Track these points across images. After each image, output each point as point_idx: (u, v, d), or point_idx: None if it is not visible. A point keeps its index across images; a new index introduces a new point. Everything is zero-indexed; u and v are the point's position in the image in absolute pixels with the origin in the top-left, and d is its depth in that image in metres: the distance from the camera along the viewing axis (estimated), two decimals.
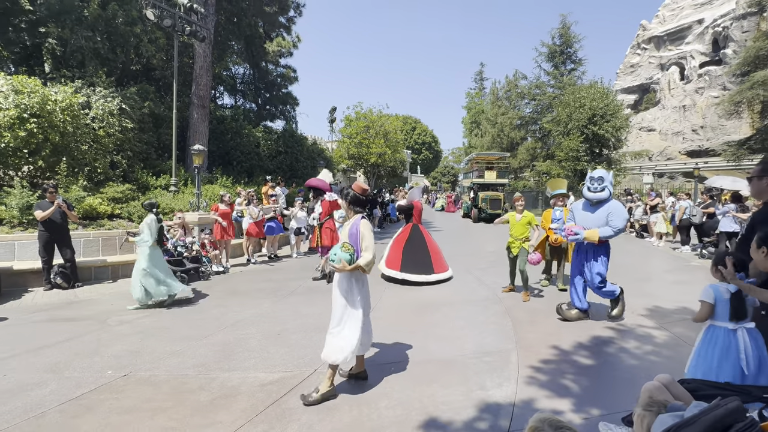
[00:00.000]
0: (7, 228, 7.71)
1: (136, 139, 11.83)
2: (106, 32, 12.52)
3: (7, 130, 8.30)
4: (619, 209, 4.71)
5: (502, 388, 3.32)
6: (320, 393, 3.16)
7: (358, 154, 22.02)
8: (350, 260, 3.20)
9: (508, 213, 6.45)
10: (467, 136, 47.76)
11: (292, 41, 24.39)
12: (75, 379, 3.55)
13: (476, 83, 52.26)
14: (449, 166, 62.62)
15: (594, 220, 4.76)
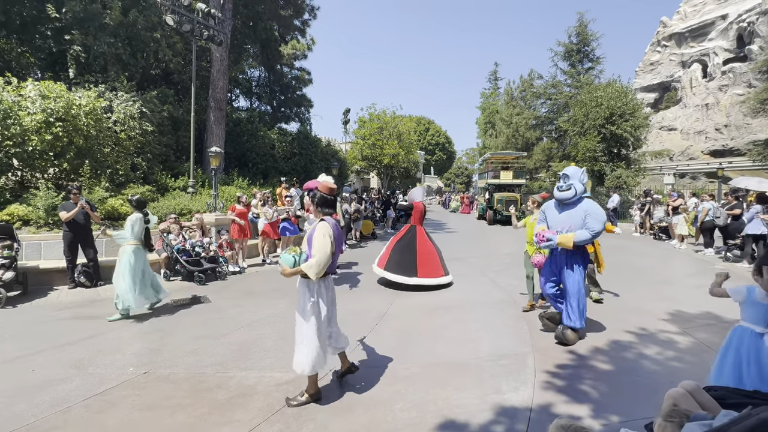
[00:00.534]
0: (34, 228, 7.99)
1: (156, 142, 12.12)
2: (127, 38, 12.88)
3: (35, 133, 8.61)
4: (597, 210, 4.25)
5: (519, 393, 3.28)
6: (305, 396, 3.17)
7: (372, 156, 22.09)
8: (293, 263, 3.07)
9: (525, 216, 6.23)
10: (481, 137, 47.37)
11: (307, 44, 24.63)
12: (98, 375, 3.65)
13: (490, 83, 51.81)
14: (463, 166, 62.19)
15: (567, 223, 4.27)
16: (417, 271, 6.89)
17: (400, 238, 7.30)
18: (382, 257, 7.26)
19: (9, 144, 8.37)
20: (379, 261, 7.27)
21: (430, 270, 6.99)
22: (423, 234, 7.37)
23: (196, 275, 7.44)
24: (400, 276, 6.83)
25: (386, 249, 7.38)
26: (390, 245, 7.35)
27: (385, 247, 7.48)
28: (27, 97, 8.90)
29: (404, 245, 7.13)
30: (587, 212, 4.20)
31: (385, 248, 7.48)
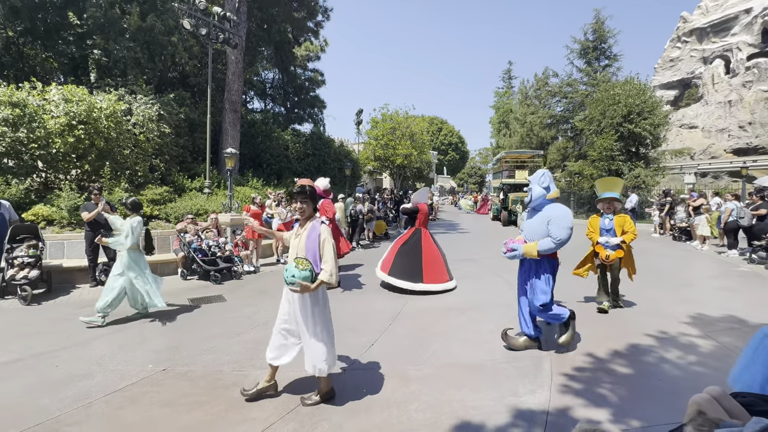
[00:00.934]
0: (57, 228, 8.23)
1: (173, 144, 12.36)
2: (145, 42, 13.17)
3: (58, 136, 8.88)
4: (560, 216, 3.86)
5: (536, 395, 3.23)
6: (319, 395, 3.17)
7: (384, 156, 22.10)
8: (311, 278, 2.88)
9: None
10: (495, 136, 46.92)
11: (320, 45, 24.82)
12: (119, 371, 3.74)
13: (504, 82, 51.30)
14: (476, 166, 61.72)
15: (532, 230, 4.03)
16: (423, 276, 6.63)
17: (404, 241, 7.02)
18: (386, 261, 6.99)
19: (34, 146, 8.65)
20: (383, 264, 6.99)
21: (436, 275, 6.76)
22: (428, 237, 7.14)
23: (212, 274, 7.56)
24: (405, 282, 6.56)
25: (389, 252, 7.11)
26: (394, 248, 7.07)
27: (388, 250, 7.19)
28: (51, 101, 9.18)
29: (409, 249, 6.86)
30: (550, 218, 3.91)
31: (388, 251, 7.18)
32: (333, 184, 18.69)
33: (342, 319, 5.28)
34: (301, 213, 3.12)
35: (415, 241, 6.97)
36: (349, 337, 4.70)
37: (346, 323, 5.11)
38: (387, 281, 6.72)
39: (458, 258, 10.27)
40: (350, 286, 7.31)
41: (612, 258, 5.35)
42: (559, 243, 3.84)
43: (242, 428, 2.85)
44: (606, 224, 5.53)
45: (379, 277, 6.89)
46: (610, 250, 5.38)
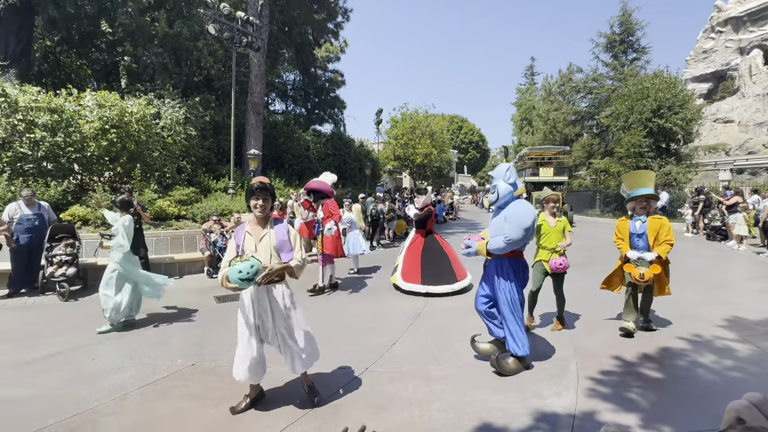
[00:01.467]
0: (92, 228, 8.62)
1: (199, 146, 12.73)
2: (172, 48, 13.62)
3: (93, 140, 9.30)
4: (517, 214, 3.54)
5: (561, 398, 3.17)
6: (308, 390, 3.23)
7: (404, 155, 22.08)
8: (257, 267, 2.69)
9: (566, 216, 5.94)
10: (517, 134, 46.11)
11: (340, 46, 25.01)
12: (151, 365, 3.89)
13: (527, 78, 50.34)
14: (497, 164, 60.87)
15: (498, 228, 3.73)
16: (455, 274, 6.59)
17: (424, 246, 6.73)
18: (409, 270, 6.60)
19: (71, 150, 9.09)
20: (407, 274, 6.59)
21: (461, 271, 6.77)
22: (440, 238, 7.08)
23: None
24: (444, 286, 6.38)
25: (408, 261, 6.71)
26: (412, 256, 6.69)
27: (403, 259, 6.81)
28: (86, 107, 9.62)
29: (433, 254, 6.65)
30: (506, 217, 3.61)
31: (402, 260, 6.81)
32: (353, 184, 18.88)
33: (362, 319, 5.34)
34: (262, 211, 2.98)
35: (436, 243, 6.82)
36: (369, 336, 4.73)
37: (366, 323, 5.15)
38: (424, 291, 6.32)
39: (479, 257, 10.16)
40: (370, 286, 7.35)
41: (647, 278, 4.31)
42: (509, 242, 3.51)
43: (266, 423, 2.91)
44: (637, 228, 4.48)
45: (408, 289, 6.45)
46: (644, 268, 4.38)
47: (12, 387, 3.43)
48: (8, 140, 8.61)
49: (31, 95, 8.92)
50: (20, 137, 8.66)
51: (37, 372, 3.76)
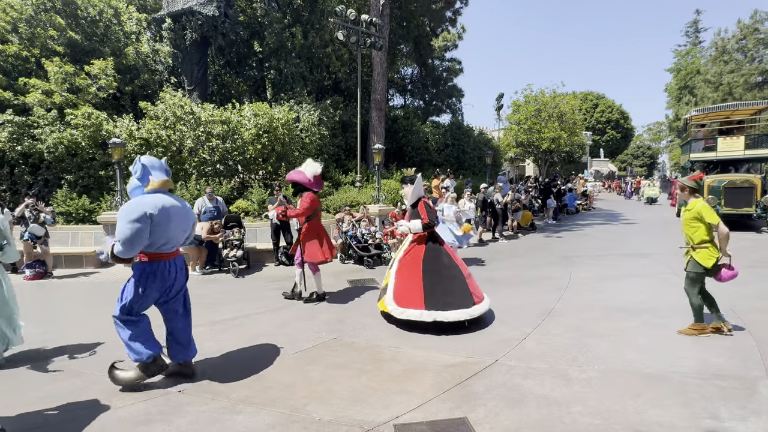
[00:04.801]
0: (251, 218, 10.33)
1: (330, 144, 14.06)
2: (307, 57, 15.26)
3: (250, 144, 11.10)
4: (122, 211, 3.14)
5: (747, 424, 2.60)
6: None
7: (528, 141, 20.59)
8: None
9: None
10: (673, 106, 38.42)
11: (457, 33, 24.49)
12: (300, 336, 4.51)
13: (688, 37, 41.34)
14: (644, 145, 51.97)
15: None
16: (472, 294, 4.71)
17: (424, 257, 4.85)
18: (404, 290, 4.72)
19: (236, 154, 11.02)
20: (401, 297, 4.70)
21: (477, 289, 4.94)
22: (442, 240, 5.28)
23: (366, 259, 8.37)
24: (459, 311, 4.48)
25: (401, 277, 4.85)
26: (409, 271, 4.83)
27: (395, 274, 4.93)
28: (245, 117, 11.52)
29: (440, 266, 4.83)
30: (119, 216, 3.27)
31: (394, 276, 4.93)
32: (473, 174, 18.42)
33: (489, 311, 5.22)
34: None
35: (443, 252, 4.97)
36: (498, 328, 4.61)
37: (492, 315, 5.02)
38: (430, 320, 4.43)
39: (623, 252, 8.94)
40: (495, 279, 7.12)
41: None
42: (119, 242, 3.09)
43: (401, 398, 3.11)
44: None
45: (406, 317, 4.57)
46: None
47: (209, 340, 4.39)
48: (195, 148, 10.89)
49: (209, 111, 11.08)
50: (202, 146, 10.86)
51: (223, 330, 4.72)
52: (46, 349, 4.16)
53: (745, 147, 12.32)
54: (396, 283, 4.85)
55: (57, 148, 10.12)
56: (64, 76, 11.03)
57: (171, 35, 13.05)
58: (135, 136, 10.43)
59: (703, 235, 4.01)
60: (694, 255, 4.07)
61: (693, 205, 4.08)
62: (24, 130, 10.32)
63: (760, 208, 10.89)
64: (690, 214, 4.08)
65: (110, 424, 2.80)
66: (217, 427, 2.76)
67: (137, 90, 13.32)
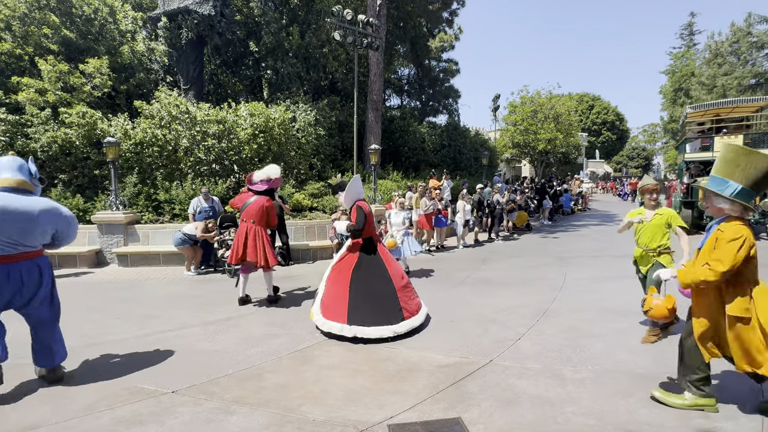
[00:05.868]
0: None
1: (327, 144, 14.04)
2: (304, 58, 15.23)
3: (246, 144, 11.06)
4: None
5: (738, 423, 2.63)
6: None
7: (524, 142, 20.70)
8: None
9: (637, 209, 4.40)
10: (668, 108, 38.73)
11: (454, 34, 24.54)
12: (297, 336, 4.50)
13: (683, 40, 41.63)
14: (639, 146, 52.34)
15: None
16: (402, 308, 4.46)
17: (356, 265, 4.60)
18: (331, 302, 4.52)
19: (231, 153, 10.99)
20: (327, 308, 4.51)
21: (411, 302, 4.66)
22: (385, 250, 5.02)
23: None
24: (382, 327, 4.25)
25: (330, 286, 4.65)
26: (338, 280, 4.60)
27: (325, 282, 4.76)
28: (241, 116, 11.48)
29: (371, 277, 4.56)
30: None
31: (324, 284, 4.76)
32: (469, 175, 18.48)
33: (483, 310, 5.24)
34: None
35: (377, 262, 4.67)
36: (493, 328, 4.63)
37: (487, 315, 5.04)
38: (350, 335, 4.23)
39: (618, 253, 8.98)
40: (491, 279, 7.15)
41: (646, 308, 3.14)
42: None
43: (395, 399, 3.11)
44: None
45: (327, 329, 4.38)
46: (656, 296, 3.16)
47: (203, 341, 4.37)
48: (190, 148, 10.84)
49: (204, 111, 11.03)
50: (198, 145, 10.81)
51: (217, 331, 4.70)
52: None
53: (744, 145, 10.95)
54: (325, 291, 4.69)
55: (51, 147, 10.04)
56: (58, 74, 10.94)
57: (167, 34, 12.99)
58: (130, 135, 10.37)
59: (667, 240, 4.12)
60: (660, 260, 4.08)
61: (665, 211, 4.15)
62: (17, 128, 10.23)
63: (758, 212, 10.02)
64: (662, 219, 4.09)
65: (103, 425, 2.78)
66: (211, 427, 2.75)
67: (132, 89, 13.24)
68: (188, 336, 4.54)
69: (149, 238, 9.12)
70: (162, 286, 7.16)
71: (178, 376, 3.49)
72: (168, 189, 10.11)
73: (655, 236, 4.11)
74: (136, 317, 5.19)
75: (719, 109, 12.78)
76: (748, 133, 11.43)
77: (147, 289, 6.92)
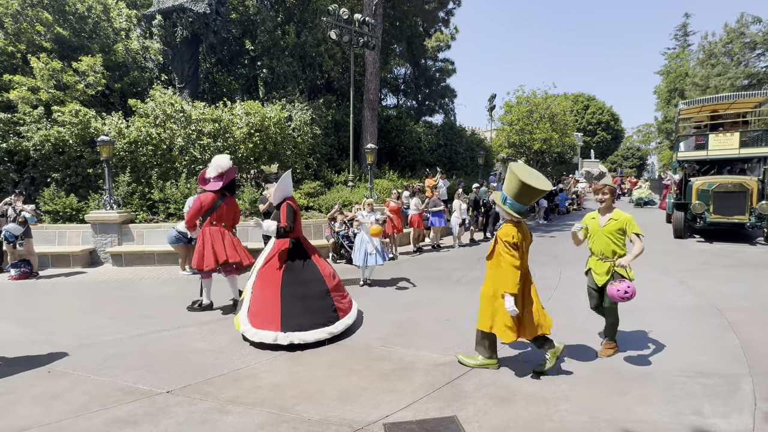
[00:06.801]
0: (243, 217, 10.25)
1: (323, 143, 14.01)
2: (300, 56, 15.18)
3: (242, 143, 11.01)
4: None
5: (730, 420, 2.65)
6: None
7: (520, 142, 20.77)
8: None
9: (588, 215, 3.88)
10: (662, 109, 39.00)
11: (450, 33, 24.54)
12: None
13: (677, 41, 41.97)
14: (633, 147, 52.68)
15: None
16: (337, 308, 4.37)
17: (284, 271, 4.30)
18: (260, 307, 4.19)
19: (227, 152, 10.92)
20: (256, 315, 4.16)
21: (344, 300, 4.56)
22: (314, 250, 4.75)
23: None
24: (319, 330, 4.12)
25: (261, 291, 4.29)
26: (267, 282, 4.29)
27: (252, 290, 4.37)
28: (236, 115, 11.43)
29: (304, 277, 4.35)
30: None
31: (251, 288, 4.40)
32: (465, 174, 18.51)
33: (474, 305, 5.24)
34: None
35: (309, 265, 4.47)
36: None
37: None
38: (286, 343, 3.98)
39: None
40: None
41: None
42: None
43: (391, 398, 3.12)
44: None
45: (258, 339, 4.04)
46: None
47: (198, 341, 4.35)
48: (185, 147, 10.77)
49: (199, 110, 10.97)
50: (193, 144, 10.75)
51: (213, 331, 4.68)
52: (30, 349, 4.09)
53: (741, 145, 10.43)
54: (252, 298, 4.30)
55: (44, 146, 9.93)
56: (51, 72, 10.82)
57: (161, 32, 12.89)
58: (124, 134, 10.29)
59: (623, 249, 3.62)
60: (618, 271, 3.57)
61: (620, 215, 3.61)
62: (9, 127, 10.11)
63: (755, 216, 9.30)
64: (617, 224, 3.58)
65: (96, 425, 2.76)
66: (206, 427, 2.74)
67: (127, 87, 13.13)
68: (183, 336, 4.51)
69: (144, 238, 9.06)
70: (156, 285, 7.12)
71: (172, 376, 3.47)
72: (162, 188, 10.04)
73: (609, 244, 3.62)
74: (131, 317, 5.15)
75: (717, 104, 11.92)
76: (745, 131, 10.71)
77: (141, 289, 6.87)
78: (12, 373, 3.56)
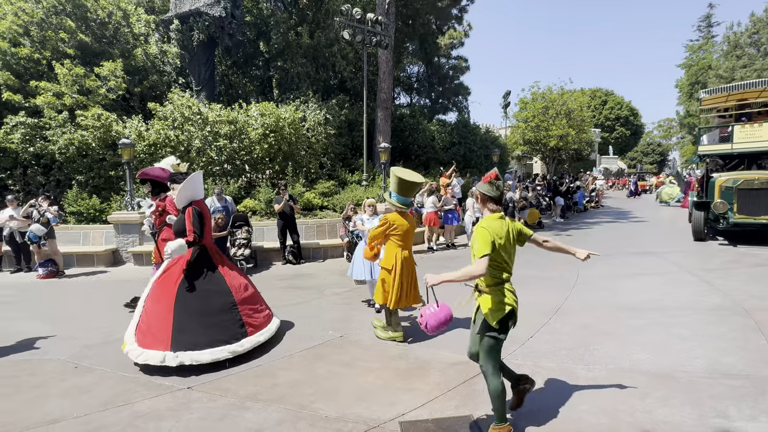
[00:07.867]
0: (259, 217, 10.40)
1: (337, 143, 14.09)
2: (313, 57, 15.29)
3: (257, 144, 11.16)
4: None
5: (758, 423, 2.57)
6: None
7: (535, 139, 20.47)
8: None
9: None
10: (684, 102, 37.85)
11: (464, 31, 24.36)
12: (307, 334, 4.54)
13: (701, 32, 40.63)
14: (653, 142, 51.35)
15: None
16: (245, 324, 3.90)
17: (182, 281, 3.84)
18: (152, 324, 3.72)
19: (243, 153, 11.10)
20: (146, 334, 3.69)
21: (257, 315, 4.10)
22: (222, 258, 4.29)
23: None
24: (217, 348, 3.63)
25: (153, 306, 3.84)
26: (161, 295, 3.85)
27: (144, 304, 3.92)
28: (252, 117, 11.59)
29: (204, 292, 3.86)
30: None
31: (143, 306, 3.92)
32: (479, 172, 18.33)
33: None
34: None
35: (214, 273, 4.01)
36: None
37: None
38: (176, 363, 3.50)
39: (632, 251, 8.85)
40: None
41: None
42: None
43: (408, 396, 3.12)
44: None
45: (144, 361, 3.57)
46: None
47: None
48: (202, 148, 10.99)
49: (216, 112, 11.17)
50: (210, 145, 10.96)
51: None
52: (58, 346, 4.24)
53: None
54: (144, 313, 3.83)
55: (68, 149, 10.27)
56: (74, 78, 11.18)
57: (178, 36, 13.16)
58: (144, 136, 10.55)
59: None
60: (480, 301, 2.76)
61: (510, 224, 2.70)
62: (36, 131, 10.49)
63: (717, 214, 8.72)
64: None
65: (122, 419, 2.85)
66: (226, 423, 2.80)
67: (146, 91, 13.47)
68: None
69: None
70: None
71: (193, 372, 3.55)
72: None
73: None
74: None
75: (745, 92, 10.57)
76: None
77: None
78: (42, 368, 3.70)
